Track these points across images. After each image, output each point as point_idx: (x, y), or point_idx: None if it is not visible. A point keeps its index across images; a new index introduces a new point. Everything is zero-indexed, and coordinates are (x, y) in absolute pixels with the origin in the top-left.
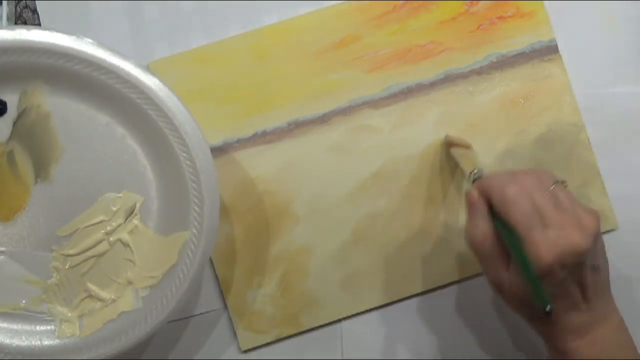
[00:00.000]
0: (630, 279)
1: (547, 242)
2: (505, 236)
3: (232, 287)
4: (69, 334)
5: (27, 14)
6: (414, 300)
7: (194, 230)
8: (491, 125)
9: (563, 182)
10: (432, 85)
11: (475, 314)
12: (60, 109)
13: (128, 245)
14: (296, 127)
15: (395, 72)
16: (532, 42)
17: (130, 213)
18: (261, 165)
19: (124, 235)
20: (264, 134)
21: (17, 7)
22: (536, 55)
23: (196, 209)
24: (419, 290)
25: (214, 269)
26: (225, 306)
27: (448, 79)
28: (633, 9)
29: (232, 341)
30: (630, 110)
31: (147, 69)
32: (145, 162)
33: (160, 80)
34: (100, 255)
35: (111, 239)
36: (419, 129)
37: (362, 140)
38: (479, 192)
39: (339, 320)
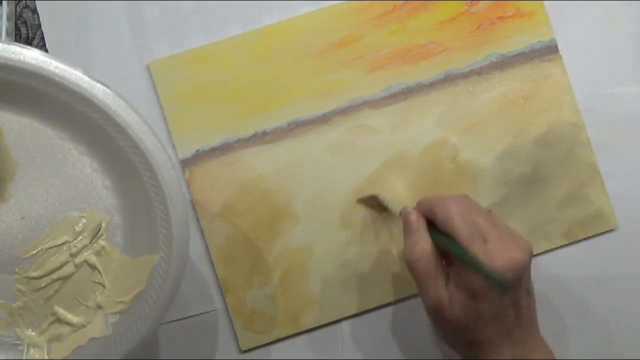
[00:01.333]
0: (630, 279)
1: (490, 254)
2: (449, 245)
3: (232, 287)
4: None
5: (27, 14)
6: (414, 300)
7: (162, 254)
8: (491, 125)
9: (490, 210)
10: (432, 85)
11: None
12: (12, 125)
13: (95, 268)
14: (296, 127)
15: (395, 72)
16: (532, 42)
17: (95, 233)
18: (261, 165)
19: (91, 257)
20: (264, 134)
21: (17, 7)
22: (536, 55)
23: (163, 231)
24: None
25: (214, 269)
26: (225, 306)
27: (448, 79)
28: (633, 9)
29: (232, 341)
30: (630, 110)
31: (100, 81)
32: (106, 180)
33: (115, 92)
34: (67, 278)
35: (77, 260)
36: (419, 129)
37: (362, 140)
38: (417, 213)
39: (339, 320)
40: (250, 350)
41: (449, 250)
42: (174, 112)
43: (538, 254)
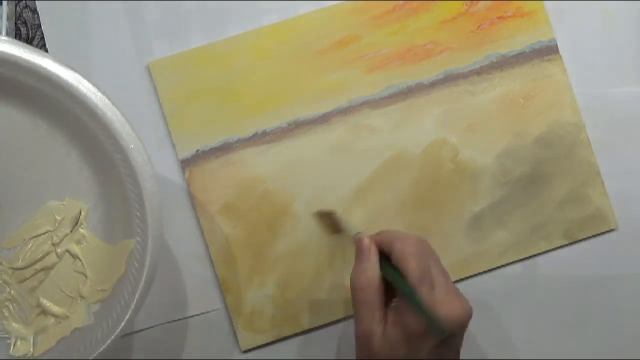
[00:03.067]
0: (630, 279)
1: (434, 301)
2: (398, 281)
3: (232, 287)
4: (23, 353)
5: (27, 14)
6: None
7: (138, 238)
8: (491, 125)
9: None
10: (432, 85)
11: (477, 313)
12: None
13: (77, 257)
14: (296, 127)
15: (395, 72)
16: (532, 42)
17: (75, 222)
18: (261, 165)
19: (72, 246)
20: (264, 134)
21: (17, 7)
22: (536, 55)
23: (137, 214)
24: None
25: (214, 269)
26: (226, 306)
27: (448, 79)
28: (633, 9)
29: (232, 341)
30: (630, 110)
31: (68, 65)
32: (82, 167)
33: (83, 76)
34: (50, 268)
35: (59, 250)
36: (419, 129)
37: (362, 140)
38: (371, 241)
39: (339, 320)
40: (250, 350)
41: (395, 285)
42: (174, 112)
43: (538, 254)
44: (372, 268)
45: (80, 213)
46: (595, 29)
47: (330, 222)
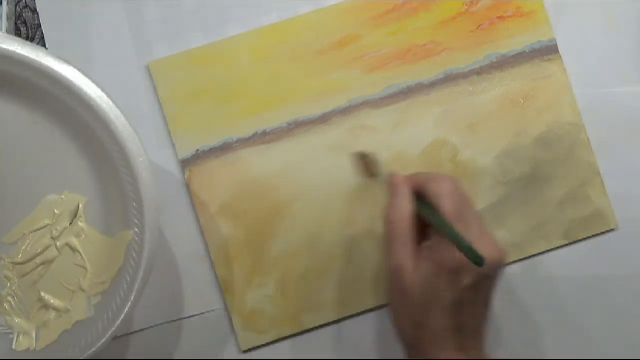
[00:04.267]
0: (630, 279)
1: (472, 240)
2: (432, 216)
3: (232, 287)
4: (25, 347)
5: (27, 14)
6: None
7: (135, 229)
8: (491, 125)
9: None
10: (432, 85)
11: None
12: None
13: (77, 250)
14: (296, 127)
15: (395, 72)
16: (532, 42)
17: (74, 215)
18: (261, 165)
19: (72, 240)
20: (264, 134)
21: (17, 7)
22: (536, 55)
23: (134, 204)
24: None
25: (214, 269)
26: (226, 306)
27: (448, 79)
28: (633, 9)
29: (232, 341)
30: (630, 110)
31: (60, 58)
32: (79, 160)
33: (79, 70)
34: (50, 261)
35: (58, 244)
36: (419, 129)
37: (362, 140)
38: (405, 178)
39: (339, 320)
40: (250, 350)
41: (430, 221)
42: (174, 112)
43: (538, 254)
44: (405, 202)
45: (79, 206)
46: (595, 29)
47: (366, 164)
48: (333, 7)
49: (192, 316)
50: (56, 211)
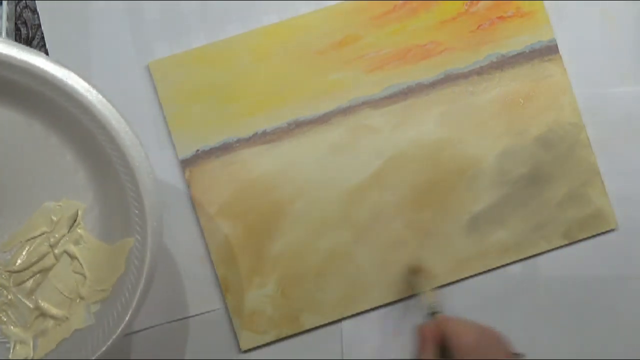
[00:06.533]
0: (630, 279)
1: None
2: None
3: (232, 287)
4: (22, 357)
5: (27, 14)
6: (414, 300)
7: (137, 236)
8: (491, 125)
9: (521, 354)
10: (432, 85)
11: (477, 313)
12: None
13: (75, 257)
14: (296, 127)
15: (395, 72)
16: (532, 42)
17: (72, 222)
18: (261, 165)
19: (70, 247)
20: (264, 134)
21: (17, 7)
22: (536, 55)
23: (136, 212)
24: (420, 290)
25: (214, 269)
26: (226, 306)
27: (448, 79)
28: (633, 9)
29: (232, 341)
30: (630, 110)
31: (60, 63)
32: (78, 167)
33: (80, 76)
34: (48, 269)
35: (56, 251)
36: (419, 129)
37: (362, 140)
38: (433, 326)
39: (339, 320)
40: (250, 350)
41: None
42: (174, 112)
43: (538, 254)
44: (430, 356)
45: (78, 213)
46: (595, 29)
47: (413, 281)
48: (333, 7)
49: (192, 316)
50: (54, 218)
